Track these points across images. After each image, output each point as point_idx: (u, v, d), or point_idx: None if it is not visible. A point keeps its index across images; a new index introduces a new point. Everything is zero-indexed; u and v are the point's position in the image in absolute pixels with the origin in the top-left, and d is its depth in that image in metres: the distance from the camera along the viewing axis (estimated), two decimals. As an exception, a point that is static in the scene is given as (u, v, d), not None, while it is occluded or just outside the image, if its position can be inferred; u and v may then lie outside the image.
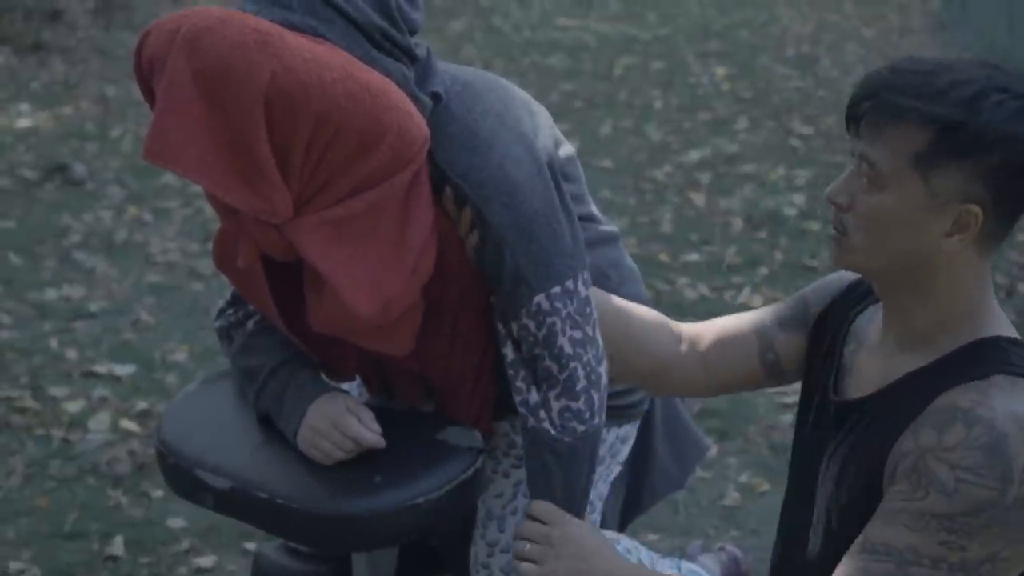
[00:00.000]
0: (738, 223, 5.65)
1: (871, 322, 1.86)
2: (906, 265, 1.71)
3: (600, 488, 2.33)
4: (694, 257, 5.27)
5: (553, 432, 2.05)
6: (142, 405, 4.02)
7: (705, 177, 6.26)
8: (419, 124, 1.87)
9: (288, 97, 1.75)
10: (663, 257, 5.26)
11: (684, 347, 2.06)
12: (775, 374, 2.02)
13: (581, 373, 2.04)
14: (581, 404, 2.05)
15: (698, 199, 5.95)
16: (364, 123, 1.80)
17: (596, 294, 2.09)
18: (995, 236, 1.70)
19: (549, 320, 2.01)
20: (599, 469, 2.31)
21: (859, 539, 1.68)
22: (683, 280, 5.03)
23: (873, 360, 1.81)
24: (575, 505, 2.09)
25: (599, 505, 2.33)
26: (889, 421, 1.71)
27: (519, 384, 2.07)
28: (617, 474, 2.43)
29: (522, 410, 2.07)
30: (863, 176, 1.69)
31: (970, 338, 1.71)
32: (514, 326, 2.04)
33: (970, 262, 1.70)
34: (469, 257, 2.03)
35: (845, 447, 1.77)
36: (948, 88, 1.64)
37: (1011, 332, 1.73)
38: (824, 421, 1.84)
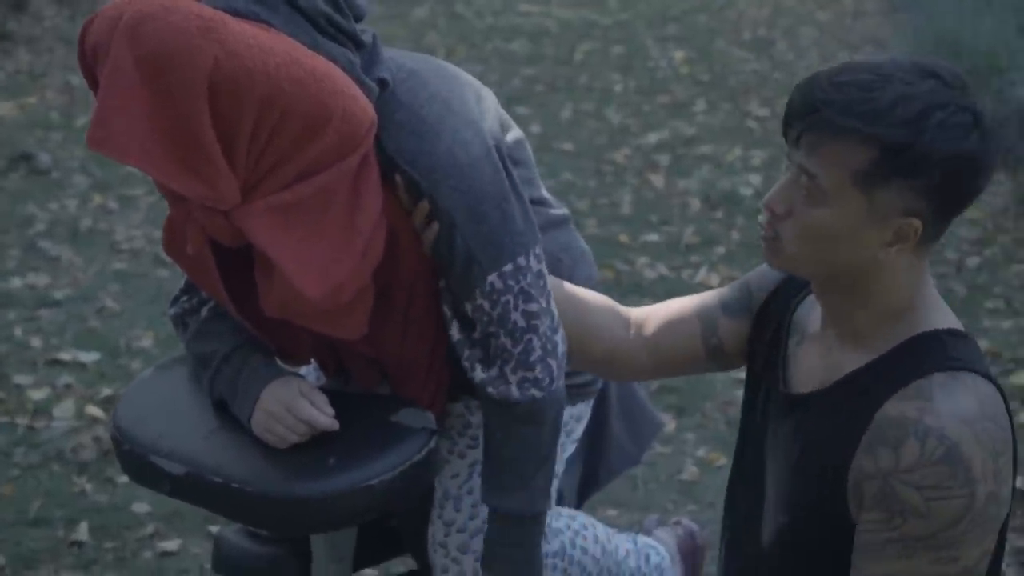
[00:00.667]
0: (696, 203, 5.68)
1: (811, 312, 1.85)
2: (842, 272, 1.70)
3: (556, 466, 2.35)
4: (653, 237, 5.30)
5: (513, 396, 2.07)
6: (107, 392, 4.03)
7: (664, 159, 6.29)
8: (365, 108, 1.88)
9: (232, 83, 1.75)
10: (623, 238, 5.29)
11: (632, 332, 2.06)
12: (717, 358, 2.01)
13: (536, 344, 2.05)
14: (538, 373, 2.06)
15: (657, 180, 5.98)
16: (309, 107, 1.81)
17: (549, 281, 2.11)
18: (933, 239, 1.69)
19: (503, 299, 2.03)
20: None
21: None
22: (642, 260, 5.06)
23: (814, 352, 1.80)
24: (531, 477, 2.11)
25: (555, 483, 2.36)
26: (836, 419, 1.70)
27: (466, 363, 2.09)
28: (573, 452, 2.45)
29: (477, 384, 2.09)
30: (802, 188, 1.67)
31: (909, 334, 1.70)
32: (468, 307, 2.06)
33: (907, 264, 1.69)
34: (424, 246, 2.04)
35: (794, 446, 1.76)
36: (891, 107, 1.60)
37: (953, 323, 1.71)
38: (772, 411, 1.84)
